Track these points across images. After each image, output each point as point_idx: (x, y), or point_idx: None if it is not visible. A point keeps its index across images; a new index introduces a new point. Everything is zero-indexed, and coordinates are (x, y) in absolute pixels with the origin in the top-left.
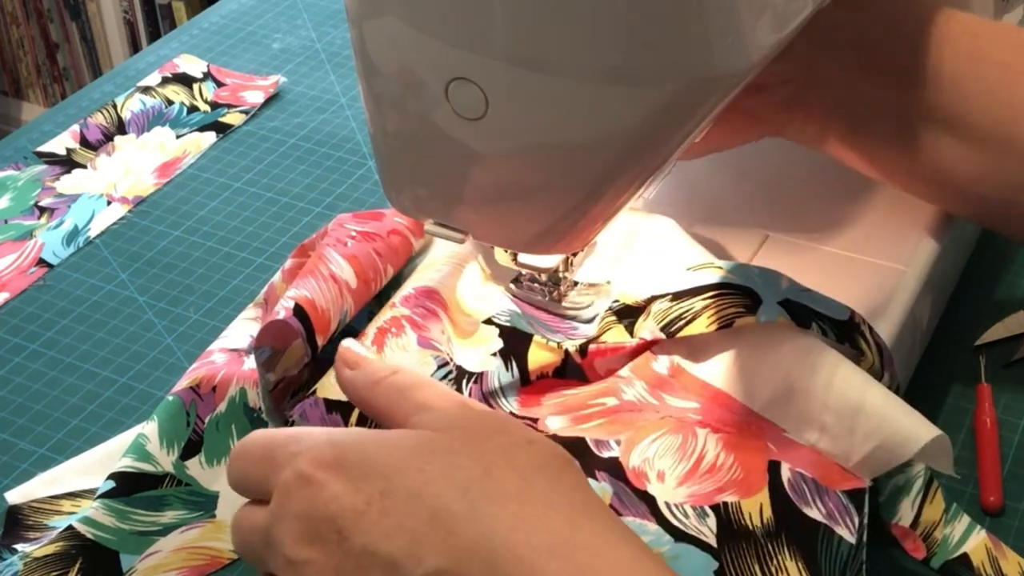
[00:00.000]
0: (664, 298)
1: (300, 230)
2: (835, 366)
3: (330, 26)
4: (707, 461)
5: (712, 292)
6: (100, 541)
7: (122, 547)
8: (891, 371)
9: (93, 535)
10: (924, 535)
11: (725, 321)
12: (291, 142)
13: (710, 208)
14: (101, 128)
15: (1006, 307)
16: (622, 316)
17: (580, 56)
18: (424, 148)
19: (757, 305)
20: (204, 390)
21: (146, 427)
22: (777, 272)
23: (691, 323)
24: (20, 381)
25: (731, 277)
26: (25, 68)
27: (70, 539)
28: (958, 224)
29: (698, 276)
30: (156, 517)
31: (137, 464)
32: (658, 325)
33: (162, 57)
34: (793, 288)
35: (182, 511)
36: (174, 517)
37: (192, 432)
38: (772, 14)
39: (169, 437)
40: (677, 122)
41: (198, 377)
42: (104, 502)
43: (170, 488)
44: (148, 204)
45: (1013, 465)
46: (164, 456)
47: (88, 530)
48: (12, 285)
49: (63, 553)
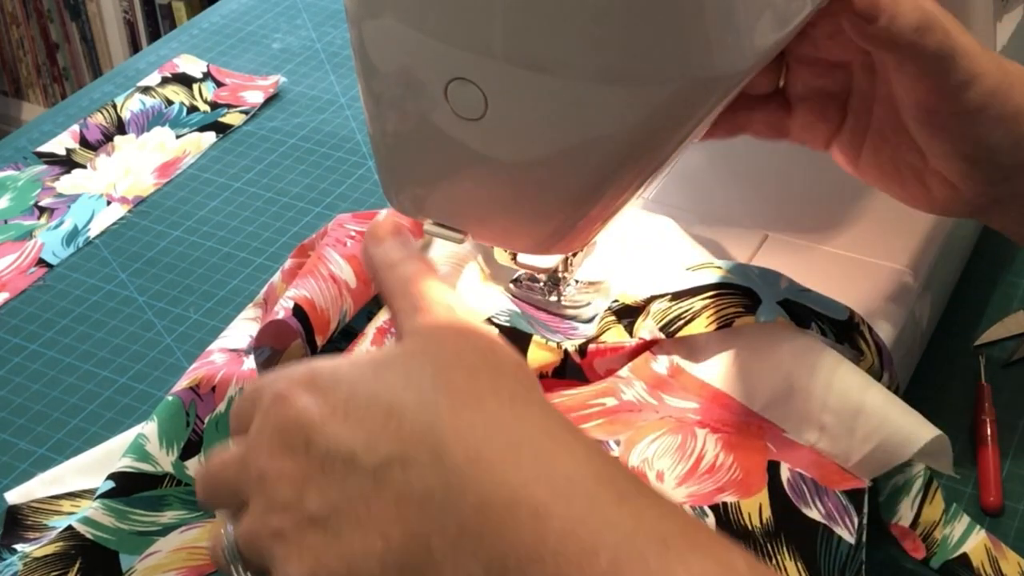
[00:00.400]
0: (663, 298)
1: (300, 230)
2: (835, 366)
3: (330, 26)
4: (706, 461)
5: (711, 292)
6: (100, 541)
7: (122, 547)
8: (891, 371)
9: (93, 535)
10: (924, 535)
11: (724, 321)
12: (291, 142)
13: (710, 208)
14: (101, 128)
15: (1006, 307)
16: (621, 316)
17: (580, 56)
18: (423, 148)
19: (756, 305)
20: (204, 390)
21: (145, 427)
22: (777, 272)
23: (690, 323)
24: (20, 381)
25: (730, 277)
26: (25, 68)
27: (70, 539)
28: (958, 224)
29: (697, 276)
30: (156, 517)
31: (137, 464)
32: (657, 325)
33: (162, 57)
34: (792, 288)
35: (182, 511)
36: (174, 517)
37: (192, 432)
38: (772, 14)
39: (169, 437)
40: (677, 122)
41: (198, 377)
42: (104, 502)
43: (170, 488)
44: (148, 204)
45: (1013, 465)
46: (163, 456)
47: (88, 530)
48: (12, 285)
49: (63, 553)
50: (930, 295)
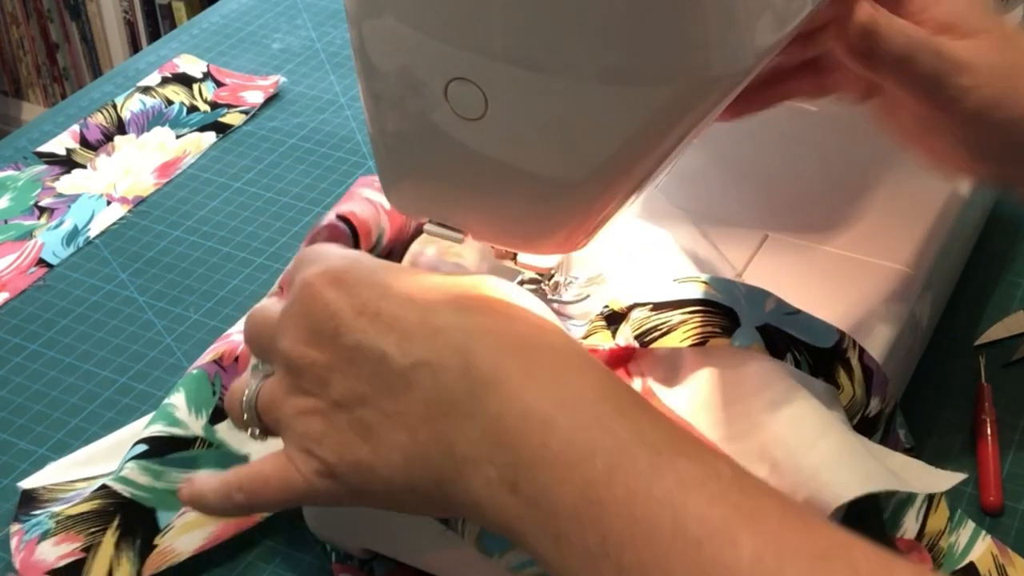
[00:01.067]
0: (644, 307)
1: (300, 230)
2: (797, 405)
3: (330, 26)
4: None
5: (692, 307)
6: (137, 499)
7: (160, 504)
8: (882, 394)
9: (131, 493)
10: (930, 545)
11: (699, 339)
12: (291, 142)
13: (710, 208)
14: (101, 128)
15: (1006, 307)
16: (610, 321)
17: (580, 56)
18: (423, 148)
19: (735, 327)
20: (227, 362)
21: (172, 397)
22: (765, 292)
23: (665, 336)
24: (20, 381)
25: (715, 294)
26: (25, 68)
27: (107, 497)
28: (958, 224)
29: (682, 289)
30: (190, 477)
31: (168, 429)
32: (633, 333)
33: (162, 57)
34: (779, 310)
35: (215, 471)
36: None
37: (219, 400)
38: (772, 14)
39: (197, 405)
40: (677, 122)
41: (220, 352)
42: (139, 463)
43: (201, 449)
44: (148, 204)
45: (1013, 465)
46: (194, 421)
47: (125, 488)
48: (12, 285)
49: (100, 510)
50: (930, 295)
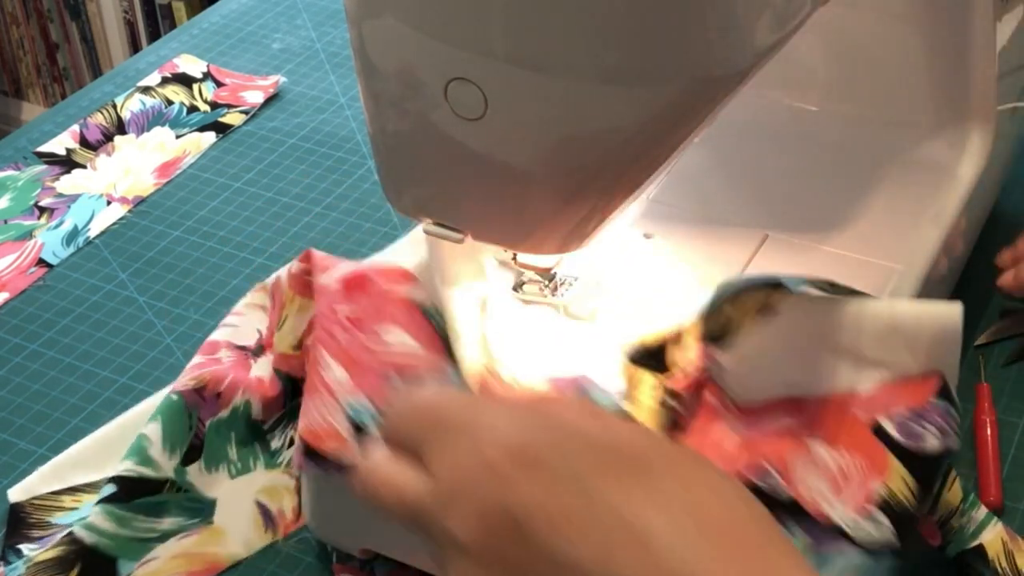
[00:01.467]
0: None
1: (300, 230)
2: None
3: (330, 26)
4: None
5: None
6: (99, 546)
7: (120, 552)
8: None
9: (93, 540)
10: (941, 522)
11: (762, 305)
12: (291, 142)
13: (710, 208)
14: (101, 128)
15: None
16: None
17: (580, 56)
18: (424, 148)
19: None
20: (208, 393)
21: (148, 428)
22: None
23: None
24: (20, 381)
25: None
26: (25, 68)
27: (70, 544)
28: (958, 224)
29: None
30: (155, 524)
31: (139, 468)
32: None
33: (162, 57)
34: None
35: (180, 518)
36: (172, 524)
37: (193, 436)
38: (772, 14)
39: (172, 441)
40: (677, 122)
41: (203, 379)
42: (105, 507)
43: (170, 493)
44: (148, 204)
45: (1013, 465)
46: (166, 460)
47: (88, 535)
48: (12, 285)
49: (63, 557)
50: (930, 295)
